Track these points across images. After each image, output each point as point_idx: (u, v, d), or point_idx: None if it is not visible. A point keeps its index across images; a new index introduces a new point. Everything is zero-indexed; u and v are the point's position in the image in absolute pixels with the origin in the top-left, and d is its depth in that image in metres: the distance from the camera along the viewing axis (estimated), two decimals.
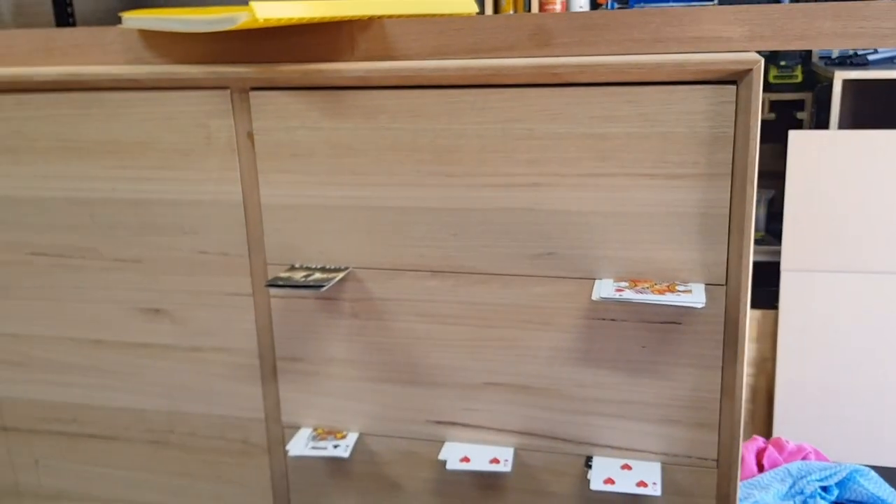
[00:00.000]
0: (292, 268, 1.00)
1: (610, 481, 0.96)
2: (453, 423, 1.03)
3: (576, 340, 0.96)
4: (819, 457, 1.50)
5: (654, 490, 0.94)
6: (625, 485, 0.96)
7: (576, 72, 0.87)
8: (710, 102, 0.86)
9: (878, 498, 1.28)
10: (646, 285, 0.92)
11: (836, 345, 1.97)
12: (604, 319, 0.95)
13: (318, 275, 0.96)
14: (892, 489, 1.30)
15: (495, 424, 1.01)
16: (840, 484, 1.35)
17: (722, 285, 0.90)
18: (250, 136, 0.99)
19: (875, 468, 1.36)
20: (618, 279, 0.93)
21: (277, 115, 0.97)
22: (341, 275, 0.97)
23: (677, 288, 0.91)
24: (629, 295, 0.89)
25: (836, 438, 1.98)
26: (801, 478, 1.34)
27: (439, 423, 1.03)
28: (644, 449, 0.98)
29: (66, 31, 1.03)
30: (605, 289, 0.91)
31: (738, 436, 0.94)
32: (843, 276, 1.94)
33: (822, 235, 1.94)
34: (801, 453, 1.63)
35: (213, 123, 0.99)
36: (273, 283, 0.94)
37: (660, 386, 0.95)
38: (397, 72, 0.91)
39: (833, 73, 2.20)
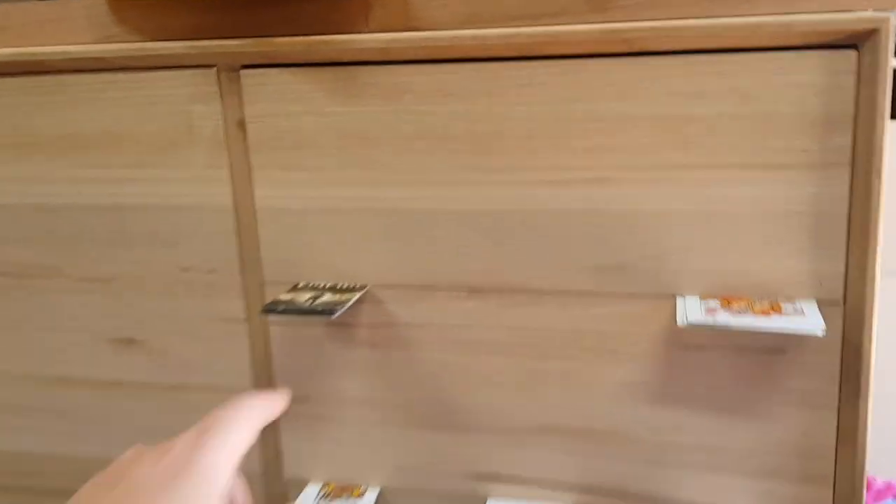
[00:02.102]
0: (295, 288, 0.88)
1: None
2: (498, 477, 0.90)
3: (651, 373, 0.84)
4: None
5: None
6: None
7: (651, 37, 0.75)
8: (823, 73, 0.73)
9: None
10: (743, 304, 0.79)
11: None
12: (687, 347, 0.83)
13: (327, 296, 0.84)
14: None
15: (550, 477, 0.89)
16: None
17: (839, 304, 0.78)
18: (242, 124, 0.87)
19: None
20: (705, 297, 0.81)
21: (275, 98, 0.85)
22: (357, 295, 0.85)
23: (783, 308, 0.78)
24: (726, 319, 0.76)
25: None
26: None
27: (480, 476, 0.91)
28: None
29: (22, 6, 0.92)
30: (693, 310, 0.78)
31: (861, 493, 0.82)
32: None
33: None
34: (890, 491, 1.49)
35: (197, 110, 0.88)
36: (271, 309, 0.82)
37: (758, 429, 0.83)
38: (425, 42, 0.79)
39: None
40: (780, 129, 0.75)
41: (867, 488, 1.51)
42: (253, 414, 0.63)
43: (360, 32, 0.82)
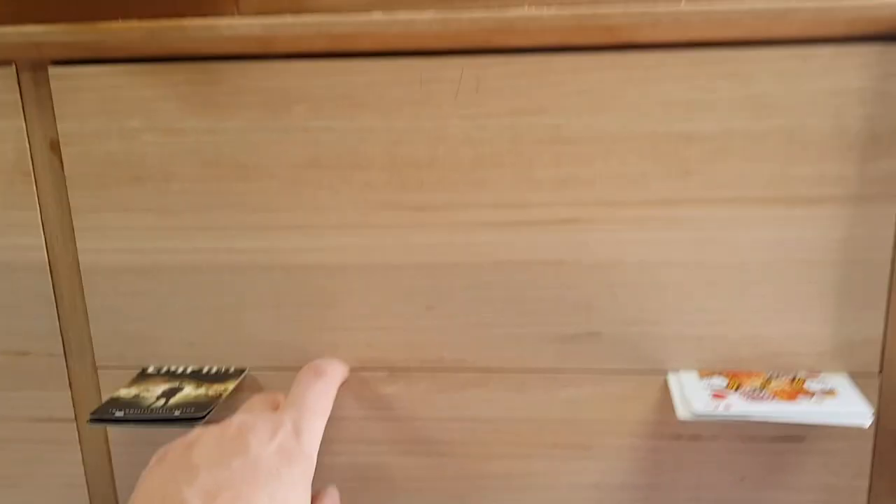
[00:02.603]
0: (143, 375, 0.61)
1: None
2: None
3: (632, 473, 0.61)
4: None
5: None
6: None
7: (642, 24, 0.53)
8: (870, 74, 0.52)
9: None
10: (757, 383, 0.59)
11: None
12: (679, 438, 0.61)
13: (189, 388, 0.58)
14: None
15: None
16: None
17: (874, 376, 0.59)
18: (55, 147, 0.59)
19: None
20: (705, 372, 0.60)
21: (102, 108, 0.57)
22: (232, 385, 0.58)
23: (807, 385, 0.59)
24: (743, 408, 0.55)
25: None
26: None
27: None
28: None
29: None
30: (695, 395, 0.57)
31: None
32: None
33: None
34: None
35: None
36: (104, 418, 0.53)
37: None
38: (322, 28, 0.54)
39: None
40: (809, 151, 0.54)
41: None
42: (334, 387, 0.57)
43: (230, 14, 0.57)
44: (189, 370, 0.61)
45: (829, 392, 0.56)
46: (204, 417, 0.53)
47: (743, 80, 0.53)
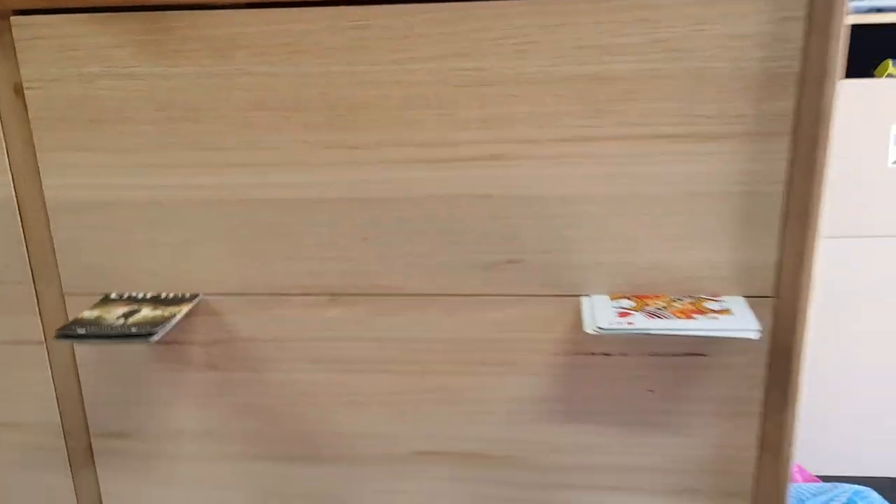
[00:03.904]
0: (105, 300, 0.60)
1: None
2: None
3: (551, 386, 0.62)
4: (806, 476, 1.25)
5: None
6: None
7: None
8: (766, 20, 0.52)
9: None
10: (660, 303, 0.60)
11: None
12: (593, 354, 0.62)
13: (146, 311, 0.57)
14: None
15: None
16: None
17: (768, 297, 0.61)
18: (19, 90, 0.57)
19: (867, 481, 1.13)
20: (616, 295, 0.61)
21: (63, 54, 0.56)
22: (185, 308, 0.58)
23: (707, 306, 0.60)
24: (643, 323, 0.56)
25: (819, 450, 1.73)
26: None
27: None
28: None
29: None
30: (602, 313, 0.58)
31: None
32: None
33: None
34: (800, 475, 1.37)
35: None
36: (68, 334, 0.53)
37: (672, 444, 0.64)
38: None
39: None
40: (712, 91, 0.53)
41: None
42: None
43: None
44: (148, 296, 0.61)
45: (725, 311, 0.57)
46: (156, 334, 0.54)
47: (651, 26, 0.53)
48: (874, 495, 1.06)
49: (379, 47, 0.54)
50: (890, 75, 1.63)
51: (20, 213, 0.60)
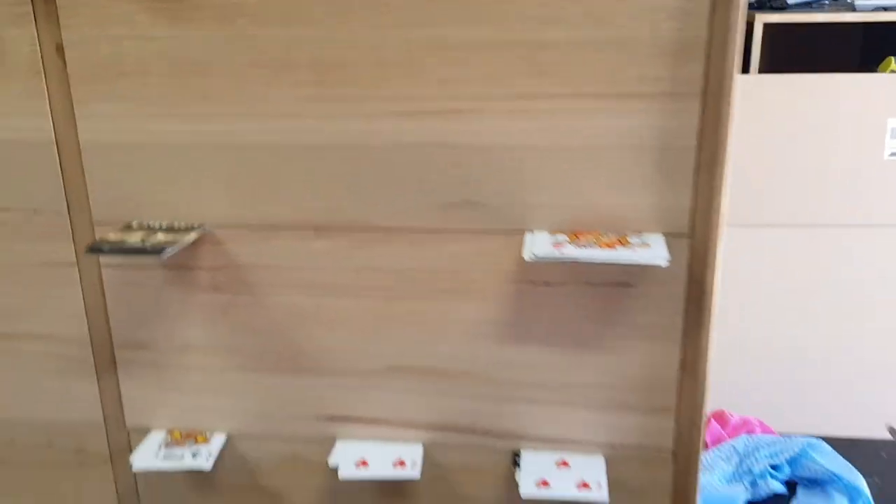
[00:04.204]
0: (128, 227, 0.70)
1: (544, 483, 0.75)
2: (347, 419, 0.76)
3: (501, 311, 0.71)
4: (765, 430, 1.32)
5: (600, 494, 0.72)
6: (562, 487, 0.73)
7: None
8: None
9: (833, 474, 1.10)
10: (590, 238, 0.69)
11: (776, 304, 1.77)
12: (536, 284, 0.71)
13: (160, 236, 0.67)
14: (847, 463, 1.14)
15: (400, 418, 0.75)
16: (791, 461, 1.16)
17: (684, 236, 0.69)
18: (60, 49, 0.68)
19: (826, 440, 1.21)
20: (554, 232, 0.70)
21: (95, 19, 0.66)
22: (193, 235, 0.68)
23: (630, 241, 0.69)
24: (571, 251, 0.65)
25: (781, 408, 1.76)
26: (749, 455, 1.15)
27: (330, 418, 0.76)
28: (585, 440, 0.74)
29: None
30: (539, 245, 0.67)
31: (701, 421, 0.73)
32: (780, 229, 1.76)
33: (744, 188, 1.72)
34: (746, 427, 1.41)
35: (9, 34, 0.68)
36: (96, 248, 0.64)
37: (604, 363, 0.72)
38: None
39: (754, 16, 2.02)
40: (635, 57, 0.62)
41: (724, 424, 1.44)
42: None
43: None
44: (162, 225, 0.70)
45: (644, 245, 0.67)
46: (166, 251, 0.64)
47: (582, 1, 0.63)
48: (825, 447, 1.13)
49: (358, 17, 0.64)
50: (893, 71, 1.69)
51: (59, 154, 0.71)
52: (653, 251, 0.64)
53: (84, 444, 0.80)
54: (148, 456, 0.75)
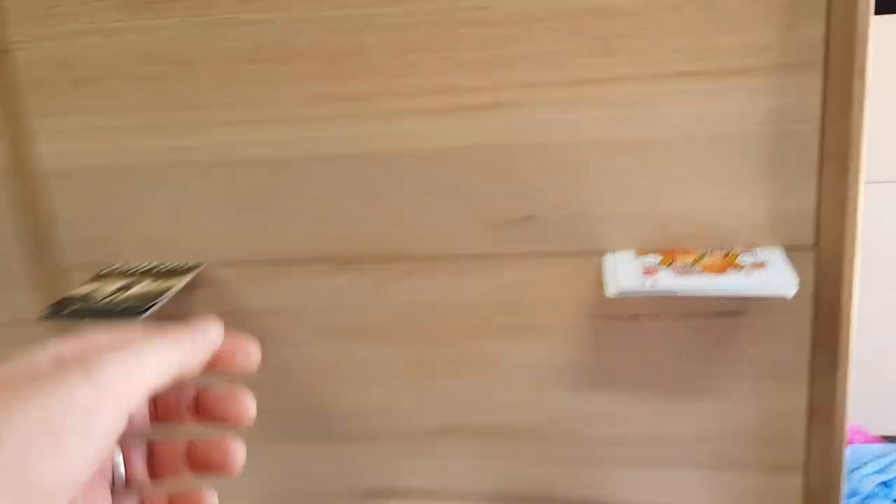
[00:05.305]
0: (99, 276, 0.58)
1: None
2: (392, 492, 0.64)
3: (575, 352, 0.58)
4: (866, 437, 1.18)
5: None
6: None
7: None
8: None
9: None
10: (689, 259, 0.56)
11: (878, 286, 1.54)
12: (620, 317, 0.58)
13: (145, 283, 0.56)
14: None
15: (455, 489, 0.63)
16: None
17: (809, 248, 0.56)
18: (5, 52, 0.57)
19: None
20: (641, 252, 0.57)
21: (45, 8, 0.55)
22: (185, 280, 0.56)
23: (741, 260, 0.56)
24: (669, 282, 0.52)
25: (880, 408, 1.61)
26: (854, 470, 1.02)
27: (370, 492, 0.64)
28: None
29: None
30: (625, 273, 0.54)
31: (840, 482, 0.60)
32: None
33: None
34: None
35: None
36: (54, 313, 0.52)
37: (709, 411, 0.60)
38: None
39: None
40: (730, 20, 0.49)
41: None
42: (181, 348, 0.34)
43: None
44: (148, 267, 0.59)
45: (759, 265, 0.53)
46: (146, 311, 0.52)
47: None
48: None
49: None
50: None
51: (13, 181, 0.60)
52: (775, 275, 0.51)
53: None
54: None
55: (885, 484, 1.00)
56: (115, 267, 0.60)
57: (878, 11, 1.85)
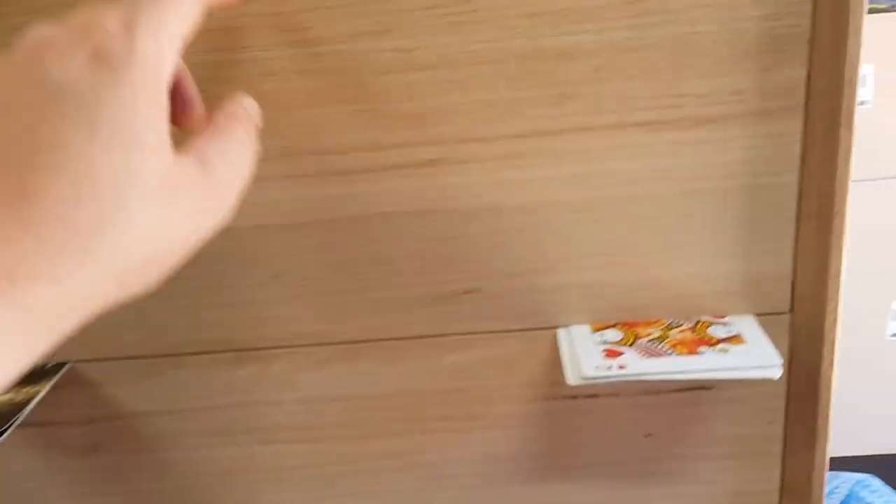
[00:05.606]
0: None
1: None
2: None
3: (529, 440, 0.51)
4: None
5: None
6: None
7: None
8: None
9: None
10: (655, 333, 0.50)
11: None
12: (577, 398, 0.52)
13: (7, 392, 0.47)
14: None
15: None
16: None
17: (783, 313, 0.51)
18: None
19: (872, 460, 1.06)
20: (598, 325, 0.50)
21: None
22: (47, 385, 0.46)
23: (711, 331, 0.50)
24: (638, 366, 0.45)
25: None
26: None
27: None
28: None
29: None
30: (587, 356, 0.46)
31: None
32: None
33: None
34: None
35: None
36: None
37: (674, 496, 0.54)
38: None
39: None
40: (702, 63, 0.43)
41: None
42: None
43: None
44: None
45: (734, 338, 0.47)
46: (3, 434, 0.42)
47: None
48: (876, 483, 0.98)
49: (270, 26, 0.42)
50: None
51: None
52: (755, 351, 0.45)
53: None
54: None
55: None
56: None
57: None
